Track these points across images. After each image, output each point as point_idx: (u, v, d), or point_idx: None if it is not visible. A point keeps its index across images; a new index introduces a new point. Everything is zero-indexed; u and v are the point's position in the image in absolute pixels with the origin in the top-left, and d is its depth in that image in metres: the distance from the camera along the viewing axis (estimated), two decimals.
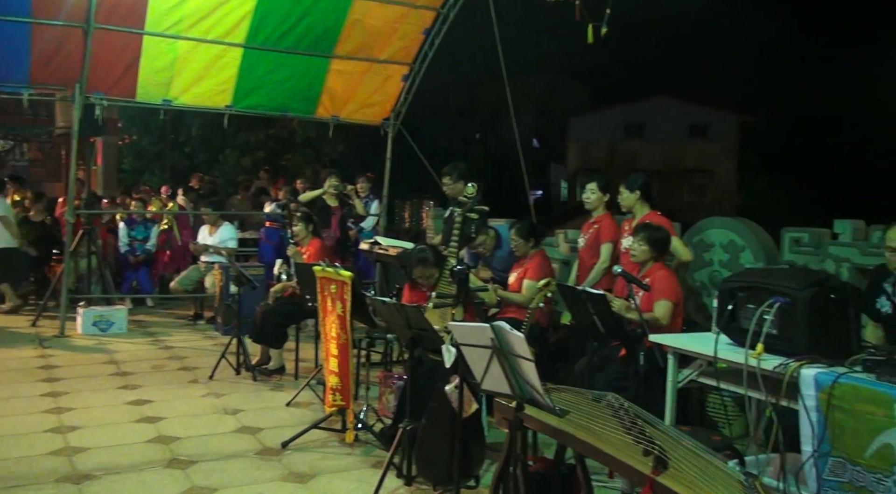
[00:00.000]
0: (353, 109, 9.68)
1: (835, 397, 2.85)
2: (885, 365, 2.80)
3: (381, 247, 6.97)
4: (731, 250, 5.58)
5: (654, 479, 2.18)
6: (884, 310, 3.77)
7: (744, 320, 3.38)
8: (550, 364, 5.56)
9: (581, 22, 6.32)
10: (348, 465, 4.42)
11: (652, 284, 4.58)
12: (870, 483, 2.73)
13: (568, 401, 2.85)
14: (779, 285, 3.28)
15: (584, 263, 5.72)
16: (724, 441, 3.46)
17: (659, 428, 2.63)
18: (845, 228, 4.99)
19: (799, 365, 3.02)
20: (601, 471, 3.04)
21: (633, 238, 4.81)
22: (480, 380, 2.89)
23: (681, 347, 3.76)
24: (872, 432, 2.73)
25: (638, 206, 5.29)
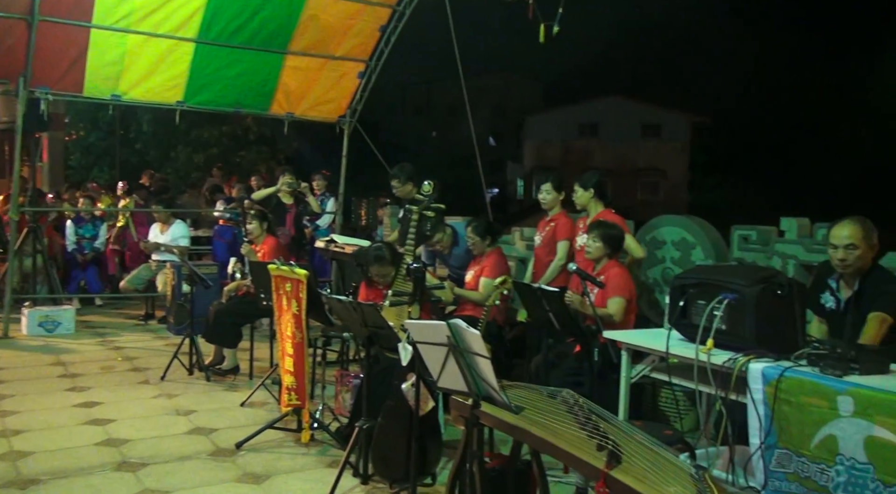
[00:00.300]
0: (309, 106, 9.59)
1: (781, 390, 2.93)
2: (827, 358, 2.88)
3: (336, 245, 6.92)
4: (682, 247, 5.69)
5: (607, 473, 2.21)
6: (828, 306, 3.88)
7: (695, 316, 3.44)
8: (507, 361, 5.59)
9: (534, 21, 6.37)
10: (304, 465, 4.38)
11: (606, 281, 4.65)
12: (814, 474, 2.82)
13: (523, 398, 2.87)
14: (728, 282, 3.35)
15: (541, 261, 5.78)
16: (675, 434, 3.53)
17: (612, 423, 2.67)
18: (791, 226, 5.13)
19: (747, 360, 3.09)
20: (556, 466, 3.07)
21: (588, 235, 4.87)
22: (437, 378, 2.89)
23: (634, 343, 3.81)
24: (816, 424, 2.81)
25: (592, 204, 5.36)
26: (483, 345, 2.65)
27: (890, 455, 2.55)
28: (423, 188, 5.27)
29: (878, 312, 3.50)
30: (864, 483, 2.63)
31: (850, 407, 2.69)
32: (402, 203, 6.59)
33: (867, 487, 2.62)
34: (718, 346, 3.26)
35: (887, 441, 2.56)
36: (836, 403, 2.74)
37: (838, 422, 2.73)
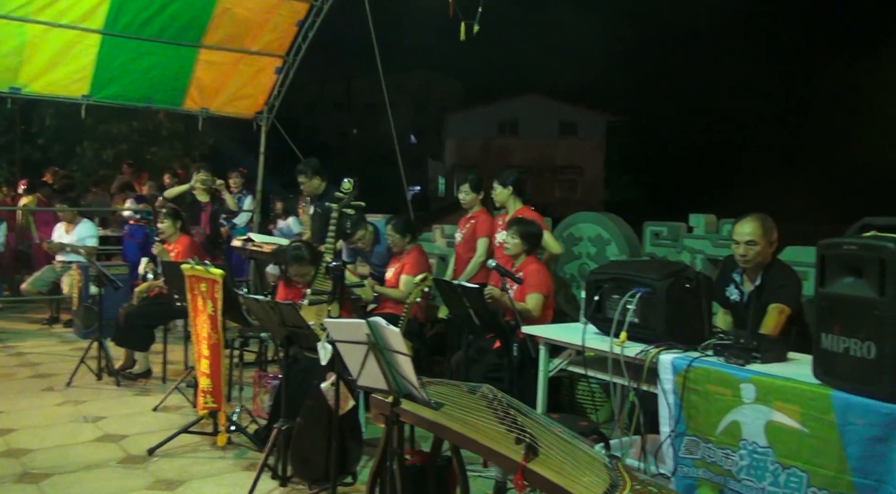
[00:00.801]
0: (224, 102, 9.35)
1: (689, 380, 3.05)
2: (731, 348, 3.02)
3: (254, 244, 6.78)
4: (598, 243, 5.83)
5: (525, 466, 2.25)
6: (732, 298, 4.06)
7: (609, 310, 3.54)
8: (428, 357, 5.61)
9: (455, 20, 6.40)
10: (220, 469, 4.27)
11: (525, 277, 4.73)
12: (719, 459, 2.95)
13: (444, 394, 2.88)
14: (640, 276, 3.46)
15: (461, 258, 5.82)
16: (591, 426, 3.62)
17: (530, 417, 2.71)
18: (699, 222, 5.34)
19: (658, 352, 3.21)
20: (476, 461, 3.10)
21: (507, 232, 4.93)
22: (357, 377, 2.87)
23: (552, 337, 3.89)
24: (722, 411, 2.94)
25: (511, 201, 5.43)
26: (403, 343, 2.65)
27: (787, 438, 2.70)
28: (343, 185, 5.22)
29: (777, 304, 3.69)
30: (765, 465, 2.77)
31: (752, 394, 2.83)
32: (313, 201, 6.54)
33: (767, 469, 2.76)
34: (631, 339, 3.37)
35: (785, 426, 2.71)
36: (740, 391, 2.87)
37: (741, 409, 2.87)
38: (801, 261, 4.23)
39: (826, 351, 2.63)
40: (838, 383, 2.59)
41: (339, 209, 5.18)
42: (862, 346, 2.49)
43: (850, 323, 2.54)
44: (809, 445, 2.63)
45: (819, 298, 2.70)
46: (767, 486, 2.76)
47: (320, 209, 6.15)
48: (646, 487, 2.12)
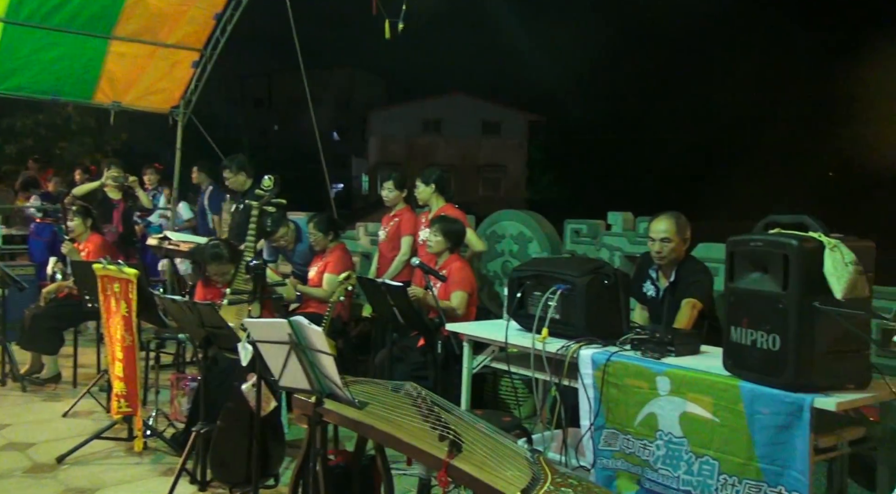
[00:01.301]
0: (138, 95, 9.00)
1: (608, 374, 3.13)
2: (647, 342, 3.12)
3: (171, 243, 6.57)
4: (520, 241, 5.92)
5: (448, 462, 2.27)
6: (649, 294, 4.19)
7: (531, 306, 3.60)
8: (352, 356, 5.57)
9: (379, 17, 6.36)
10: (136, 475, 4.13)
11: (448, 275, 4.75)
12: (637, 450, 3.04)
13: (367, 393, 2.87)
14: (561, 273, 3.53)
15: (385, 256, 5.79)
16: (513, 421, 3.67)
17: (454, 414, 2.73)
18: (617, 220, 5.48)
19: (578, 347, 3.28)
20: (401, 459, 3.10)
21: (430, 230, 4.94)
22: (279, 377, 2.83)
23: (475, 335, 3.92)
24: (639, 403, 3.03)
25: (433, 199, 5.44)
26: (325, 342, 2.62)
27: (700, 428, 2.81)
28: (264, 183, 5.12)
29: (689, 298, 3.84)
30: (680, 455, 2.88)
31: (667, 386, 2.93)
32: (235, 197, 6.40)
33: (682, 458, 2.87)
34: (553, 335, 3.43)
35: (698, 416, 2.81)
36: (656, 383, 2.97)
37: (658, 401, 2.96)
38: (712, 258, 4.40)
39: (735, 344, 2.75)
40: (746, 374, 2.71)
41: (260, 207, 5.08)
42: (767, 338, 2.61)
43: (756, 317, 2.66)
44: (720, 434, 2.74)
45: (728, 293, 2.82)
46: (682, 475, 2.87)
47: (242, 206, 6.03)
48: (566, 480, 2.17)
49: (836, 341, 2.54)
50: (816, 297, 2.48)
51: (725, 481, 2.72)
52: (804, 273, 2.52)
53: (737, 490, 2.68)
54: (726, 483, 2.72)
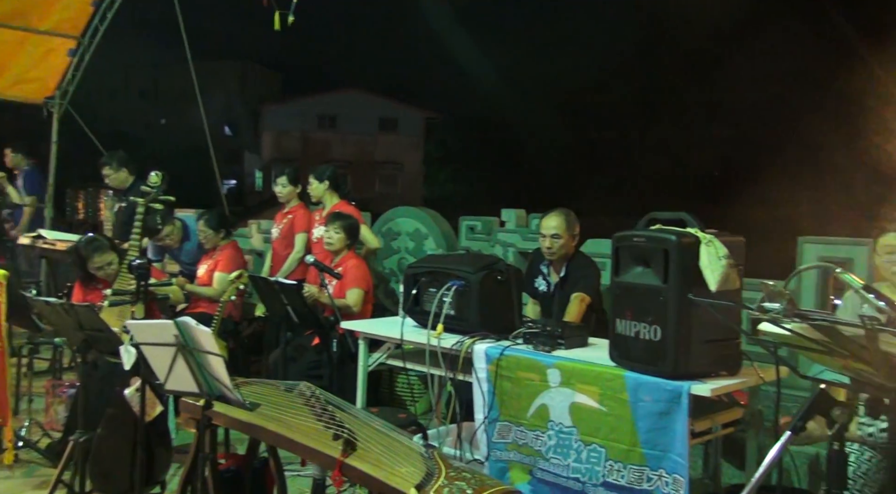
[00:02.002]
0: (7, 85, 8.40)
1: (502, 367, 3.20)
2: (539, 336, 3.20)
3: (46, 242, 6.19)
4: (416, 238, 5.94)
5: (342, 461, 2.25)
6: (540, 289, 4.31)
7: (426, 303, 3.62)
8: (244, 357, 5.43)
9: (269, 9, 6.21)
10: (6, 490, 3.86)
11: (344, 273, 4.71)
12: (530, 441, 3.12)
13: (259, 394, 2.81)
14: (455, 269, 3.58)
15: (278, 254, 5.68)
16: (409, 418, 3.69)
17: (349, 412, 2.71)
18: (510, 217, 5.60)
19: (472, 342, 3.33)
20: (295, 461, 3.05)
21: (329, 227, 4.88)
22: (165, 381, 2.72)
23: (371, 332, 3.91)
24: (531, 395, 3.11)
25: (327, 196, 5.38)
26: (214, 343, 2.54)
27: (588, 417, 2.91)
28: (151, 179, 4.89)
29: (578, 293, 3.97)
30: (570, 443, 2.97)
31: (557, 378, 3.02)
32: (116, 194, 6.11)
33: (572, 447, 2.96)
34: (448, 331, 3.46)
35: (587, 406, 2.92)
36: (547, 376, 3.05)
37: (549, 393, 3.05)
38: (600, 253, 4.56)
39: (620, 336, 2.86)
40: (630, 364, 2.83)
41: (146, 204, 4.85)
42: (650, 329, 2.73)
43: (640, 309, 2.78)
44: (607, 422, 2.85)
45: (614, 286, 2.93)
46: (572, 463, 2.96)
47: (125, 204, 5.77)
48: (460, 473, 2.20)
49: (710, 331, 2.69)
50: (693, 290, 2.62)
51: (612, 467, 2.83)
52: (682, 267, 2.66)
53: (622, 475, 2.80)
54: (612, 468, 2.83)
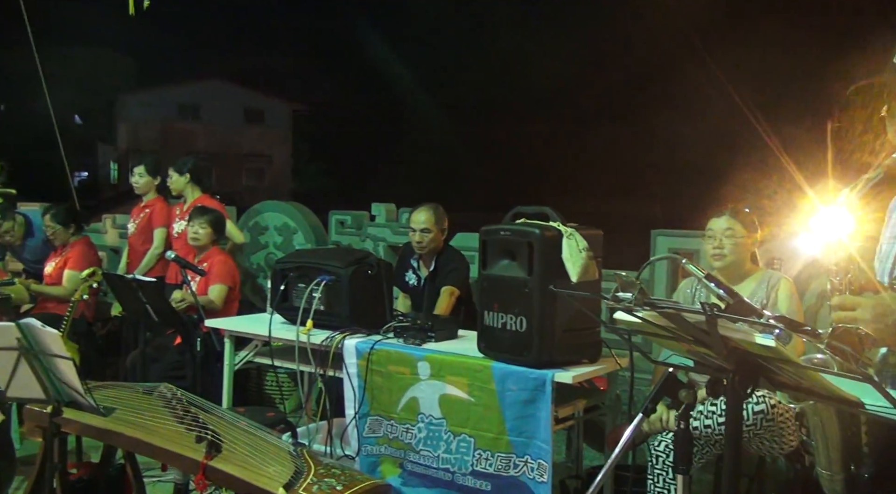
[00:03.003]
0: None
1: (372, 362, 3.20)
2: (409, 330, 3.23)
3: None
4: (284, 232, 5.82)
5: (206, 464, 2.17)
6: (411, 283, 4.34)
7: (296, 299, 3.56)
8: (99, 359, 5.13)
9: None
10: None
11: (209, 269, 4.55)
12: (400, 434, 3.14)
13: (115, 398, 2.65)
14: (325, 264, 3.54)
15: (135, 250, 5.40)
16: (278, 416, 3.62)
17: (214, 413, 2.62)
18: (380, 211, 5.60)
19: (343, 337, 3.31)
20: (155, 466, 2.92)
21: (194, 221, 4.70)
22: (6, 388, 2.52)
23: (237, 330, 3.80)
24: (401, 389, 3.13)
25: (189, 190, 5.17)
26: (62, 345, 2.38)
27: (458, 408, 2.97)
28: None
29: (448, 286, 4.04)
30: (439, 435, 3.02)
31: (427, 370, 3.06)
32: None
33: (441, 438, 3.01)
34: (318, 326, 3.42)
35: (456, 397, 2.97)
36: (417, 369, 3.08)
37: (419, 385, 3.08)
38: (469, 246, 4.66)
39: (488, 327, 2.94)
40: (498, 355, 2.91)
41: None
42: (516, 321, 2.82)
43: (506, 301, 2.86)
44: (476, 413, 2.92)
45: (481, 279, 3.00)
46: (442, 453, 3.01)
47: None
48: (329, 470, 2.18)
49: (572, 321, 2.81)
50: (556, 281, 2.72)
51: (480, 456, 2.90)
52: (546, 259, 2.76)
53: (490, 464, 2.88)
54: (481, 457, 2.90)
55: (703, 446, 2.90)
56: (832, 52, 14.74)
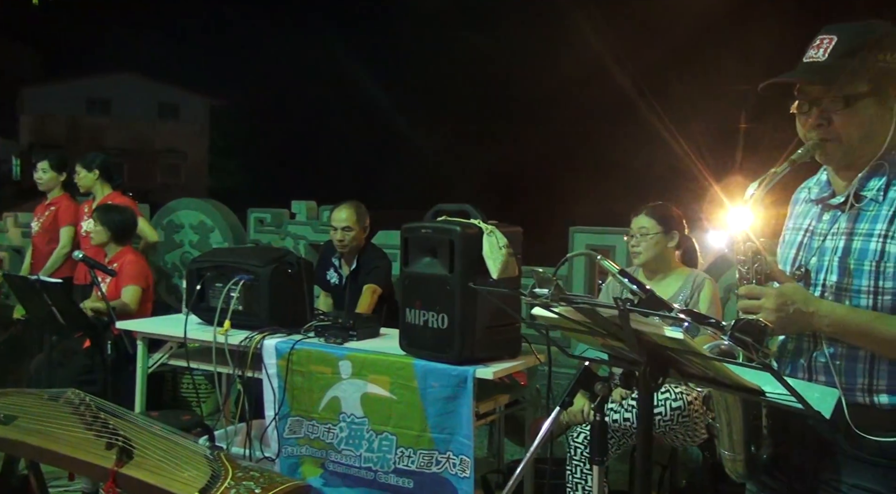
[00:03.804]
0: None
1: (293, 362, 3.15)
2: (330, 329, 3.20)
3: None
4: (200, 231, 5.67)
5: (117, 472, 2.09)
6: (332, 281, 4.30)
7: (213, 299, 3.48)
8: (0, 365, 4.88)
9: None
10: None
11: (119, 269, 4.39)
12: (322, 434, 3.11)
13: (17, 405, 2.52)
14: (243, 263, 3.47)
15: (40, 250, 5.16)
16: (194, 419, 3.52)
17: (125, 419, 2.52)
18: (301, 209, 5.52)
19: (262, 337, 3.25)
20: (63, 475, 2.79)
21: (97, 220, 4.52)
22: None
23: (151, 331, 3.69)
24: (323, 388, 3.10)
25: (98, 187, 4.98)
26: None
27: (380, 406, 2.96)
28: None
29: (370, 284, 4.02)
30: (361, 434, 3.00)
31: (349, 369, 3.04)
32: None
33: (363, 437, 3.00)
34: (236, 327, 3.35)
35: (378, 395, 2.96)
36: (338, 368, 3.06)
37: (340, 385, 3.06)
38: (390, 244, 4.64)
39: (410, 325, 2.94)
40: (419, 352, 2.91)
41: None
42: (437, 318, 2.83)
43: (428, 298, 2.87)
44: (398, 410, 2.92)
45: (403, 277, 3.00)
46: (364, 452, 3.00)
47: None
48: (248, 473, 2.14)
49: (493, 317, 2.84)
50: (477, 278, 2.75)
51: (403, 453, 2.91)
52: (467, 256, 2.78)
53: (412, 461, 2.88)
54: (403, 455, 2.90)
55: (621, 438, 3.00)
56: (744, 51, 15.41)
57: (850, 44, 1.56)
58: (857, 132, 1.58)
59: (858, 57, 1.55)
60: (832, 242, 1.63)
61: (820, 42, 1.59)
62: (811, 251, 1.67)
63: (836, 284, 1.60)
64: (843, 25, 1.61)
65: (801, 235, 1.73)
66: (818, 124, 1.60)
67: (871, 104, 1.57)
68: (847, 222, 1.62)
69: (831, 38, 1.58)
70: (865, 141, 1.59)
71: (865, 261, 1.57)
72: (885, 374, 1.55)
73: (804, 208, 1.77)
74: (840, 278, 1.60)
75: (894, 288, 1.54)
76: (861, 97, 1.56)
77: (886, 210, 1.57)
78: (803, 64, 1.61)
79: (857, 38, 1.57)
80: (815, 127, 1.61)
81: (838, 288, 1.60)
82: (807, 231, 1.72)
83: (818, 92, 1.59)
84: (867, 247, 1.57)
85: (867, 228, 1.58)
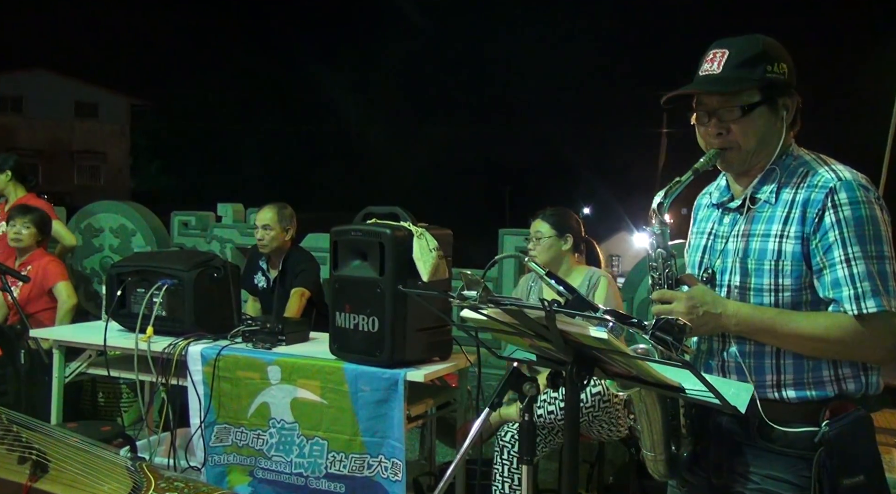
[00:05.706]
0: None
1: (219, 368, 3.08)
2: (259, 333, 3.15)
3: None
4: (121, 234, 5.49)
5: (30, 487, 2.00)
6: (260, 285, 4.23)
7: (134, 305, 3.37)
8: None
9: None
10: None
11: (36, 272, 4.22)
12: (251, 441, 3.05)
13: None
14: (167, 267, 3.37)
15: None
16: (115, 429, 3.39)
17: (40, 431, 2.41)
18: (227, 211, 5.41)
19: (186, 343, 3.16)
20: None
21: (16, 221, 4.33)
22: None
23: (67, 339, 3.53)
24: (251, 394, 3.04)
25: (10, 188, 4.78)
26: None
27: (310, 411, 2.92)
28: None
29: (298, 288, 3.98)
30: (292, 439, 2.96)
31: (278, 374, 2.99)
32: None
33: (294, 443, 2.95)
34: (159, 333, 3.26)
35: (308, 400, 2.92)
36: (267, 373, 3.00)
37: (269, 390, 3.01)
38: (320, 247, 4.59)
39: (340, 329, 2.91)
40: (350, 356, 2.89)
41: None
42: (368, 321, 2.81)
43: (358, 302, 2.85)
44: (329, 415, 2.89)
45: (333, 280, 2.97)
46: (294, 458, 2.95)
47: None
48: (171, 483, 2.07)
49: (424, 319, 2.84)
50: (408, 281, 2.74)
51: (334, 458, 2.88)
52: (397, 259, 2.78)
53: (344, 465, 2.86)
54: (335, 460, 2.87)
55: (548, 435, 3.05)
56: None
57: (741, 56, 1.66)
58: (753, 139, 1.67)
59: (749, 68, 1.65)
60: (734, 244, 1.72)
61: (713, 56, 1.69)
62: (715, 254, 1.76)
63: (740, 284, 1.69)
64: (731, 40, 1.70)
65: (706, 239, 1.81)
66: (718, 133, 1.69)
67: (764, 112, 1.67)
68: (745, 224, 1.71)
69: (724, 52, 1.68)
70: (761, 147, 1.69)
71: (765, 261, 1.65)
72: (790, 369, 1.64)
73: (706, 213, 1.87)
74: (743, 278, 1.68)
75: (793, 285, 1.63)
76: (755, 106, 1.66)
77: (780, 211, 1.66)
78: (700, 76, 1.70)
79: (746, 51, 1.67)
80: (716, 136, 1.69)
81: (742, 287, 1.68)
82: (710, 234, 1.80)
83: (716, 102, 1.68)
84: (765, 247, 1.66)
85: (764, 229, 1.67)
